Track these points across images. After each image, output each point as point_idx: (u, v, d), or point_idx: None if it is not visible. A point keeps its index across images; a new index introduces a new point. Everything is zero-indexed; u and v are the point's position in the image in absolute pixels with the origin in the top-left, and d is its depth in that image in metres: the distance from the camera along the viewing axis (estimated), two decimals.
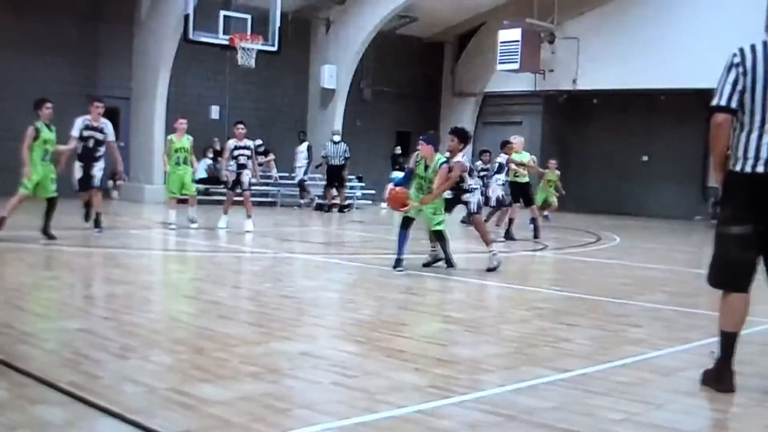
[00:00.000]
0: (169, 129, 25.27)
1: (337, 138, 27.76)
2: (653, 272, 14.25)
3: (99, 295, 9.14)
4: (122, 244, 15.08)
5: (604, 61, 31.40)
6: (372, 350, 6.96)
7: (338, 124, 31.00)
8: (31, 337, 6.88)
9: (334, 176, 27.28)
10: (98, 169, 15.98)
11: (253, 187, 18.81)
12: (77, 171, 15.90)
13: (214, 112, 29.75)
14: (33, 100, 14.50)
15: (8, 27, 25.34)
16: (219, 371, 5.98)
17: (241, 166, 18.04)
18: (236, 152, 18.03)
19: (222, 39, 24.96)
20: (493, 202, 19.40)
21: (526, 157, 19.70)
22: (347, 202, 28.14)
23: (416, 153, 12.84)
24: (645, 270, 14.56)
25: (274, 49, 25.96)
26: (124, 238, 16.29)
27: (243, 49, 25.04)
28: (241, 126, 18.33)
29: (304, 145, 28.99)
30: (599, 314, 9.39)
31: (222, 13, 25.11)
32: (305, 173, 28.74)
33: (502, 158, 19.10)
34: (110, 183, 27.38)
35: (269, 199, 28.36)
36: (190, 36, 24.54)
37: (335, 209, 26.99)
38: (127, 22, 27.68)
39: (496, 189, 19.26)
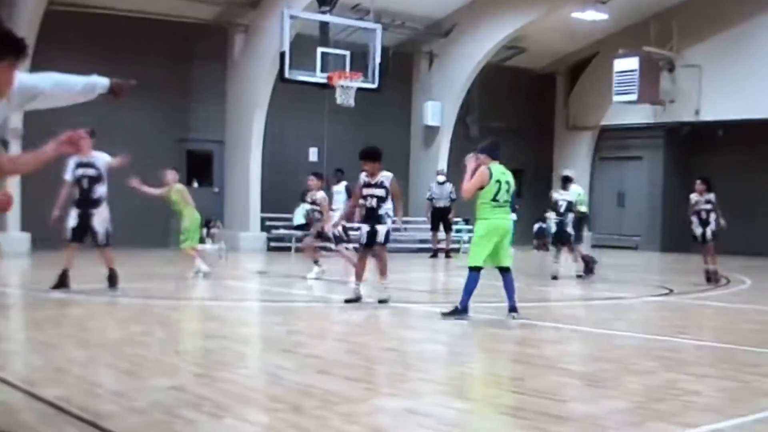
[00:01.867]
0: (267, 172, 25.65)
1: (441, 178, 27.72)
2: None
3: (191, 351, 9.19)
4: (216, 296, 15.22)
5: (729, 90, 30.87)
6: (483, 407, 6.85)
7: (443, 164, 30.99)
8: (120, 397, 6.93)
9: (440, 219, 27.25)
10: (100, 222, 14.55)
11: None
12: (72, 219, 14.47)
13: (313, 153, 29.99)
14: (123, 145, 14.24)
15: (95, 69, 25.64)
16: (319, 431, 5.93)
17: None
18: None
19: (320, 77, 25.13)
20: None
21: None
22: (454, 245, 28.03)
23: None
24: None
25: (375, 86, 26.06)
26: (219, 288, 16.44)
27: (342, 87, 25.18)
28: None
29: (342, 185, 25.95)
30: (731, 364, 9.12)
31: (319, 50, 25.30)
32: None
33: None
34: (204, 231, 27.78)
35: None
36: (286, 75, 24.76)
37: (442, 254, 26.93)
38: (219, 61, 28.18)
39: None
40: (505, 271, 12.28)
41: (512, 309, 12.07)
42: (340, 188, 26.07)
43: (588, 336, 11.57)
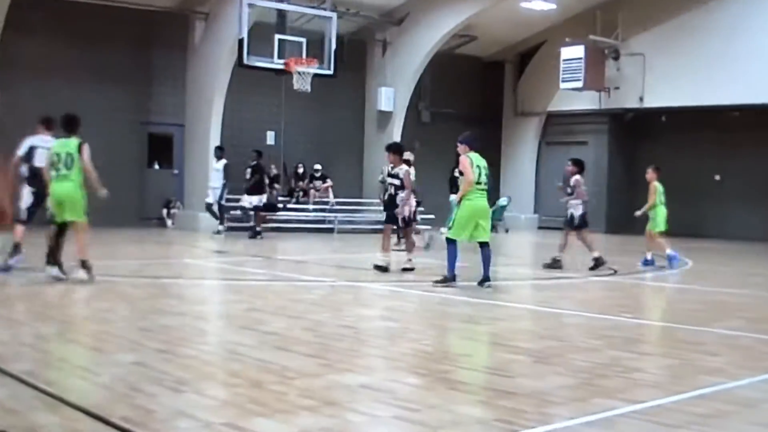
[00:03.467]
0: (225, 155, 25.52)
1: None
2: (729, 297, 14.01)
3: (153, 327, 9.16)
4: (176, 274, 15.16)
5: (672, 78, 31.10)
6: (434, 382, 6.89)
7: None
8: (85, 371, 6.90)
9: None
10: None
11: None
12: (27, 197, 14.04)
13: (270, 137, 29.92)
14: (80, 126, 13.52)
15: (61, 54, 25.79)
16: (277, 405, 5.95)
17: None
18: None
19: (277, 63, 25.06)
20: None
21: None
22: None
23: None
24: (720, 295, 14.33)
25: (330, 72, 26.03)
26: (178, 267, 16.37)
27: (298, 73, 25.12)
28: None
29: (221, 162, 25.16)
30: (673, 342, 9.23)
31: (277, 36, 25.22)
32: (221, 197, 25.26)
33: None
34: (164, 211, 27.69)
35: (326, 226, 28.35)
36: (245, 61, 24.67)
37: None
38: (180, 48, 27.97)
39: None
40: (484, 245, 13.48)
41: (486, 279, 13.29)
42: (219, 166, 25.15)
43: (536, 314, 11.66)
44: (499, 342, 9.20)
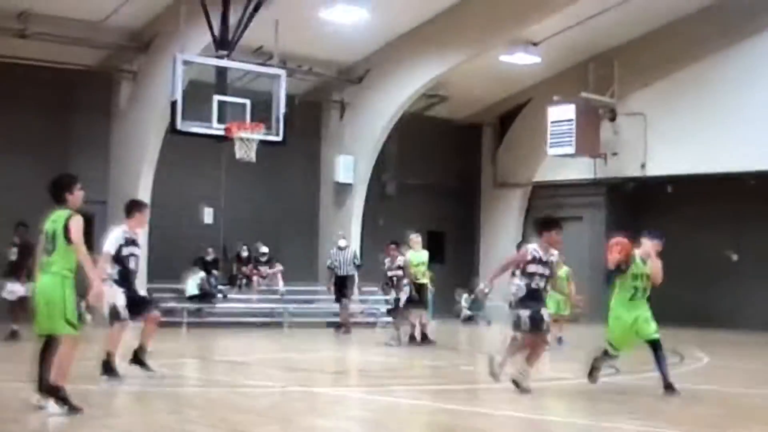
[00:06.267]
0: (154, 237, 25.32)
1: (343, 243, 27.25)
2: (752, 399, 13.93)
3: None
4: (97, 379, 14.89)
5: (677, 141, 31.28)
6: None
7: (356, 225, 31.02)
8: None
9: (341, 289, 26.77)
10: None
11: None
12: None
13: (208, 215, 29.80)
14: None
15: None
16: None
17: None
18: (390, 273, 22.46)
19: (216, 129, 24.90)
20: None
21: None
22: (351, 320, 27.40)
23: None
24: (742, 397, 14.26)
25: (279, 138, 25.90)
26: (96, 370, 16.08)
27: (241, 140, 25.00)
28: (393, 246, 22.91)
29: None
30: None
31: (216, 98, 25.09)
32: None
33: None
34: (83, 303, 27.31)
35: (274, 319, 28.11)
36: (178, 126, 24.49)
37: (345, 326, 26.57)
38: (103, 112, 27.97)
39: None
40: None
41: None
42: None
43: (525, 424, 11.50)
44: None
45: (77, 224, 10.84)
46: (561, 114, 31.48)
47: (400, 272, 22.28)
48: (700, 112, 30.94)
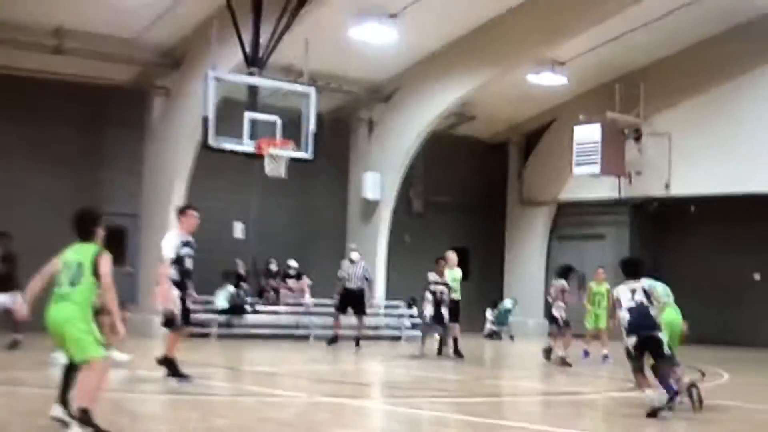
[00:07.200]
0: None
1: (355, 256, 26.71)
2: None
3: None
4: (127, 388, 15.02)
5: (702, 161, 31.18)
6: None
7: (383, 241, 31.05)
8: None
9: (350, 302, 26.29)
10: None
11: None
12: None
13: (238, 230, 29.91)
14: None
15: (3, 136, 25.86)
16: None
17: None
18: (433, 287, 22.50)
19: (247, 145, 24.99)
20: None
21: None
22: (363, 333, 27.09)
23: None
24: (766, 413, 14.24)
25: (308, 156, 25.99)
26: (129, 380, 16.24)
27: (271, 156, 25.08)
28: (441, 262, 22.95)
29: None
30: None
31: (247, 115, 25.18)
32: None
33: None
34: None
35: (300, 332, 28.19)
36: (210, 142, 24.60)
37: (348, 340, 26.07)
38: (136, 127, 28.13)
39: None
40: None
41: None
42: None
43: None
44: None
45: (108, 262, 10.47)
46: (587, 133, 31.45)
47: (444, 288, 22.64)
48: (725, 132, 30.83)
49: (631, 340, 12.74)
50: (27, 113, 26.26)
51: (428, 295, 22.60)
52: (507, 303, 32.66)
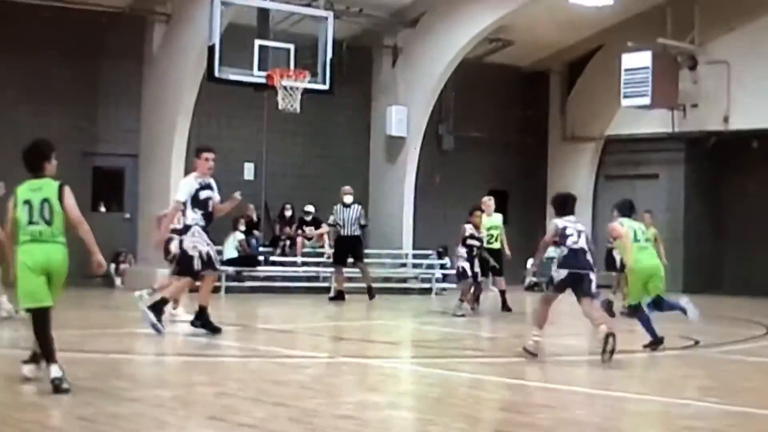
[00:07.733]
0: None
1: (348, 199, 26.22)
2: None
3: (98, 417, 9.05)
4: (127, 348, 15.05)
5: (764, 92, 31.01)
6: None
7: (410, 182, 30.96)
8: None
9: (347, 250, 26.07)
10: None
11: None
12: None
13: (248, 171, 29.87)
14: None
15: None
16: None
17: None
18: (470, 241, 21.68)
19: (257, 76, 24.97)
20: None
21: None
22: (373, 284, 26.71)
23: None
24: None
25: (325, 87, 25.97)
26: (130, 339, 16.26)
27: (284, 88, 25.01)
28: (477, 213, 22.13)
29: None
30: None
31: (257, 42, 25.12)
32: None
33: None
34: (112, 267, 27.52)
35: (321, 284, 28.17)
36: (216, 73, 24.62)
37: (347, 294, 25.81)
38: (134, 58, 28.08)
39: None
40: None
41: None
42: None
43: (592, 400, 11.50)
44: None
45: (72, 195, 10.80)
46: (636, 62, 31.26)
47: (479, 243, 22.00)
48: None
49: (562, 273, 14.19)
50: (16, 43, 26.16)
51: (462, 251, 21.80)
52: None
